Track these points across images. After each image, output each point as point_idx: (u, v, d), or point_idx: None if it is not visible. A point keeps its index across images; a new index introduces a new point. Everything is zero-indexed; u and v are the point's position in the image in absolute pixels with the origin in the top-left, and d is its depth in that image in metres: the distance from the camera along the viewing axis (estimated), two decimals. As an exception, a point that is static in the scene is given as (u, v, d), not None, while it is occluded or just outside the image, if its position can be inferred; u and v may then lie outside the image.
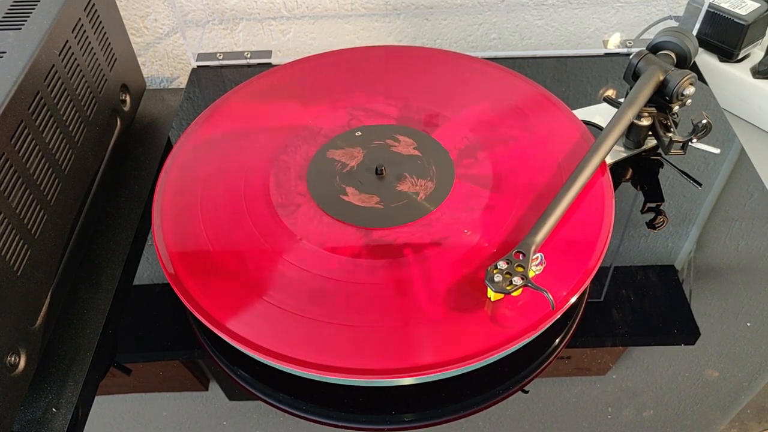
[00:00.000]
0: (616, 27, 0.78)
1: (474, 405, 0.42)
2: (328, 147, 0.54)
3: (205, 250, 0.47)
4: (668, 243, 0.51)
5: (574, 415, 0.42)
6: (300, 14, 0.76)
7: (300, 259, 0.46)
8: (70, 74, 0.50)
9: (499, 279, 0.42)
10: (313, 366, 0.40)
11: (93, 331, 0.48)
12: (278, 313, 0.43)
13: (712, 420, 0.41)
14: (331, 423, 0.42)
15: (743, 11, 0.64)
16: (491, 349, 0.41)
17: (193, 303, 0.44)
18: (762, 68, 0.65)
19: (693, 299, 0.47)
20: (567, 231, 0.47)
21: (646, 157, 0.57)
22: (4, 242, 0.41)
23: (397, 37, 0.79)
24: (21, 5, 0.50)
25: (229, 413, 0.43)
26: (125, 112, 0.61)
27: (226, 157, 0.54)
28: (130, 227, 0.56)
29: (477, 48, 0.80)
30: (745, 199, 0.54)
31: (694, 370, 0.43)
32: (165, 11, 0.76)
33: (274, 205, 0.50)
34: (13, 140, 0.42)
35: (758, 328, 0.45)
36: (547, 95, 0.58)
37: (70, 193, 0.50)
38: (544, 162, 0.52)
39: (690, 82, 0.52)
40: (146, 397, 0.44)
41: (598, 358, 0.44)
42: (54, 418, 0.44)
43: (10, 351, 0.41)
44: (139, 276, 0.51)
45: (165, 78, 0.83)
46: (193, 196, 0.51)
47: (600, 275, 0.49)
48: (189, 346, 0.47)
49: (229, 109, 0.59)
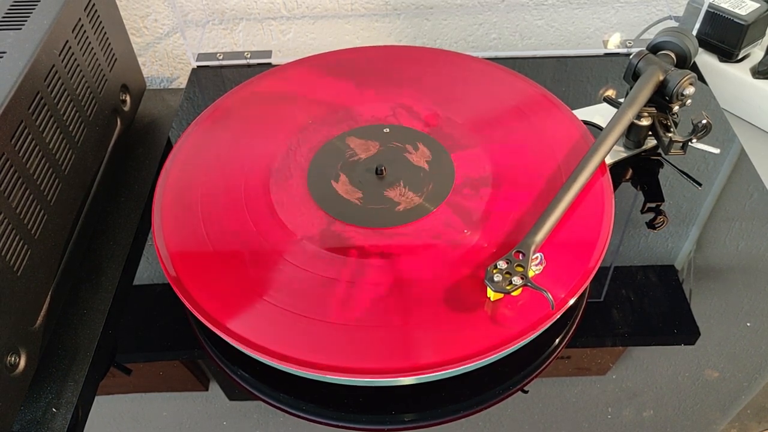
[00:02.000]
0: (616, 27, 0.78)
1: (474, 405, 0.42)
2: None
3: (205, 250, 0.47)
4: (668, 243, 0.51)
5: (574, 415, 0.42)
6: (300, 14, 0.76)
7: (300, 259, 0.46)
8: (70, 74, 0.50)
9: (498, 279, 0.42)
10: (313, 366, 0.40)
11: (93, 331, 0.48)
12: (278, 313, 0.43)
13: (712, 420, 0.41)
14: (331, 423, 0.42)
15: (743, 11, 0.64)
16: (491, 349, 0.41)
17: (193, 303, 0.44)
18: (762, 68, 0.65)
19: (693, 299, 0.47)
20: (567, 231, 0.47)
21: (646, 157, 0.57)
22: (4, 242, 0.41)
23: (397, 37, 0.79)
24: (21, 5, 0.50)
25: (229, 413, 0.43)
26: (125, 112, 0.61)
27: (226, 157, 0.54)
28: (130, 227, 0.56)
29: (477, 48, 0.80)
30: (745, 199, 0.54)
31: (694, 370, 0.43)
32: (165, 11, 0.76)
33: (274, 204, 0.50)
34: (13, 140, 0.42)
35: (758, 328, 0.45)
36: (547, 95, 0.58)
37: (70, 193, 0.50)
38: (544, 162, 0.52)
39: (690, 82, 0.52)
40: (146, 397, 0.44)
41: (598, 358, 0.44)
42: (54, 418, 0.44)
43: (10, 351, 0.41)
44: (139, 276, 0.51)
45: (165, 78, 0.83)
46: (193, 196, 0.51)
47: (600, 275, 0.49)
48: (189, 346, 0.47)
49: (229, 109, 0.59)
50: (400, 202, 0.50)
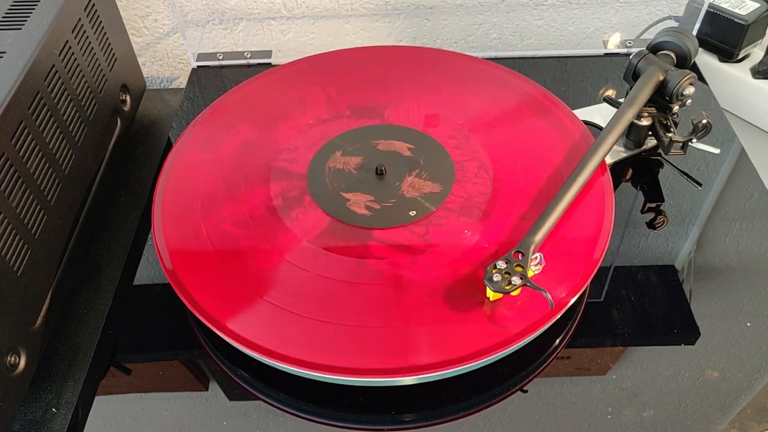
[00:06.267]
0: (616, 27, 0.78)
1: (474, 405, 0.42)
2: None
3: (205, 249, 0.47)
4: (668, 243, 0.51)
5: (574, 415, 0.42)
6: (300, 14, 0.76)
7: (300, 259, 0.46)
8: (70, 74, 0.50)
9: (498, 278, 0.42)
10: (313, 366, 0.40)
11: (93, 331, 0.48)
12: (278, 313, 0.43)
13: (712, 420, 0.41)
14: (331, 423, 0.42)
15: (743, 11, 0.64)
16: (491, 349, 0.41)
17: (193, 303, 0.44)
18: (762, 68, 0.65)
19: (693, 299, 0.47)
20: (567, 231, 0.47)
21: (646, 157, 0.57)
22: (4, 242, 0.41)
23: (397, 37, 0.79)
24: (21, 5, 0.50)
25: (229, 413, 0.43)
26: (125, 112, 0.61)
27: (226, 157, 0.54)
28: (130, 227, 0.56)
29: (477, 48, 0.80)
30: (745, 199, 0.54)
31: (694, 370, 0.43)
32: (165, 11, 0.76)
33: (274, 204, 0.50)
34: (13, 140, 0.42)
35: (758, 328, 0.45)
36: (547, 95, 0.58)
37: (70, 193, 0.50)
38: (544, 162, 0.52)
39: (690, 82, 0.52)
40: (146, 397, 0.44)
41: (598, 358, 0.44)
42: (54, 418, 0.44)
43: (10, 351, 0.41)
44: (139, 276, 0.51)
45: (165, 78, 0.83)
46: (193, 196, 0.51)
47: (600, 275, 0.49)
48: (189, 346, 0.47)
49: (229, 109, 0.59)
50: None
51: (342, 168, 0.53)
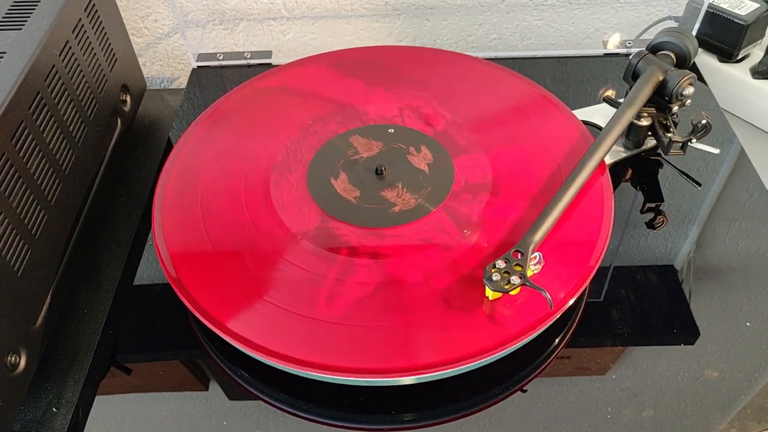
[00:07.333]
0: (616, 27, 0.78)
1: (474, 405, 0.42)
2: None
3: (206, 250, 0.47)
4: (668, 243, 0.51)
5: (573, 415, 0.42)
6: (300, 14, 0.76)
7: (301, 260, 0.46)
8: (70, 74, 0.50)
9: (497, 278, 0.42)
10: (313, 366, 0.40)
11: (93, 331, 0.48)
12: (278, 313, 0.43)
13: (712, 420, 0.41)
14: (331, 423, 0.42)
15: (743, 11, 0.64)
16: (491, 349, 0.41)
17: (193, 303, 0.44)
18: (762, 68, 0.65)
19: (693, 299, 0.47)
20: (566, 230, 0.47)
21: (646, 157, 0.57)
22: (4, 242, 0.41)
23: (397, 37, 0.79)
24: (21, 5, 0.50)
25: (229, 413, 0.43)
26: (125, 112, 0.61)
27: (226, 157, 0.54)
28: (130, 227, 0.56)
29: (477, 48, 0.80)
30: (745, 199, 0.54)
31: (694, 370, 0.44)
32: (165, 11, 0.76)
33: (274, 205, 0.50)
34: (13, 140, 0.42)
35: (758, 328, 0.45)
36: (547, 95, 0.58)
37: (71, 193, 0.50)
38: (544, 162, 0.52)
39: (689, 83, 0.52)
40: (146, 397, 0.44)
41: (598, 358, 0.44)
42: (54, 418, 0.44)
43: (10, 351, 0.41)
44: (139, 276, 0.51)
45: (165, 78, 0.83)
46: (193, 196, 0.51)
47: (600, 275, 0.49)
48: (189, 346, 0.47)
49: (230, 110, 0.59)
50: (396, 203, 0.50)
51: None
